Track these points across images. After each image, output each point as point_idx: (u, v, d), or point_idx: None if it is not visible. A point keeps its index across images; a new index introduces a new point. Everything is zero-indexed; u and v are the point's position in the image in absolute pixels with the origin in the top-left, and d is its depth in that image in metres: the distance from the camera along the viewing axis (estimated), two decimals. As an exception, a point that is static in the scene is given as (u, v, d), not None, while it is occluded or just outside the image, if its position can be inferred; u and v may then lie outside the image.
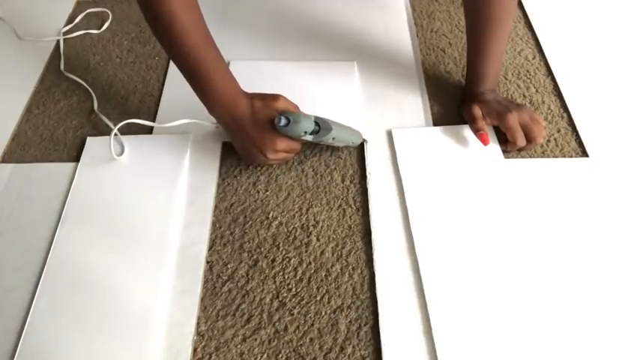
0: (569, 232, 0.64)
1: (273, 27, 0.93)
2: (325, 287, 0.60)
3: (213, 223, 0.66)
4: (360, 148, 0.74)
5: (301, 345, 0.56)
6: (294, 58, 0.87)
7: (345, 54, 0.88)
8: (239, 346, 0.56)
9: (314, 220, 0.67)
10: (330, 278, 0.61)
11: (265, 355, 0.55)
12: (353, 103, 0.79)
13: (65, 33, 0.94)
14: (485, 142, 0.71)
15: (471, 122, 0.74)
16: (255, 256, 0.63)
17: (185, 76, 0.64)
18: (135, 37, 0.93)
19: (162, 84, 0.84)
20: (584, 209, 0.67)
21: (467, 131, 0.74)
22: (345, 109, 0.78)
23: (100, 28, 0.95)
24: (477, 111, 0.73)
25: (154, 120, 0.78)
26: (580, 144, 0.74)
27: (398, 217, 0.66)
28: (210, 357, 0.55)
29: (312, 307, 0.59)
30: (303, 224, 0.66)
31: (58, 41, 0.91)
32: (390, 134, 0.75)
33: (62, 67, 0.87)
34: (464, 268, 0.61)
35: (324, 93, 0.81)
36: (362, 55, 0.88)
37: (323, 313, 0.58)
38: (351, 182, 0.71)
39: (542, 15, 0.96)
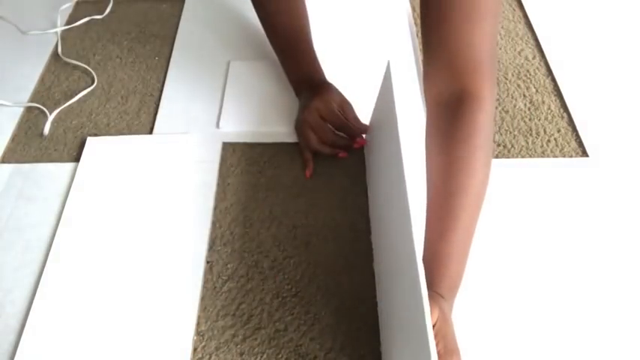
0: (568, 231, 0.64)
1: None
2: (325, 287, 0.60)
3: (213, 223, 0.66)
4: (360, 148, 0.74)
5: (301, 345, 0.56)
6: (294, 58, 0.87)
7: (344, 54, 0.88)
8: (239, 345, 0.56)
9: (314, 220, 0.66)
10: (330, 278, 0.61)
11: (265, 355, 0.55)
12: (353, 102, 0.79)
13: (64, 33, 0.94)
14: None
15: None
16: (255, 256, 0.63)
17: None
18: (135, 36, 0.93)
19: (163, 84, 0.84)
20: (583, 209, 0.67)
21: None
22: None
23: (99, 27, 0.95)
24: None
25: (154, 120, 0.78)
26: (580, 144, 0.74)
27: (398, 217, 0.66)
28: (210, 357, 0.55)
29: (312, 307, 0.59)
30: (303, 224, 0.66)
31: (58, 41, 0.91)
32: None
33: (62, 66, 0.87)
34: (464, 268, 0.61)
35: (324, 93, 0.81)
36: (362, 55, 0.88)
37: (323, 313, 0.58)
38: (351, 182, 0.70)
39: (542, 15, 0.96)
